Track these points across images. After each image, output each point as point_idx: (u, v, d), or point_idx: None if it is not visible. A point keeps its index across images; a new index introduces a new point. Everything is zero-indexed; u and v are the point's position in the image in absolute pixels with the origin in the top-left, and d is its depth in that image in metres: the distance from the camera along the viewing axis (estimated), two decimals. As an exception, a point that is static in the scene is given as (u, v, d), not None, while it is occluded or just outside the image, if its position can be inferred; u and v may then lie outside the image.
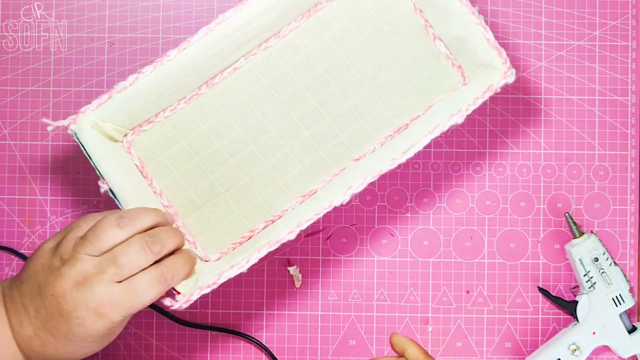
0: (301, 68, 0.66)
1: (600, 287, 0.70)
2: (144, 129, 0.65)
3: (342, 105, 0.66)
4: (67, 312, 0.53)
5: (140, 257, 0.54)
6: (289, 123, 0.65)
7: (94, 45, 0.74)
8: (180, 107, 0.65)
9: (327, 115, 0.66)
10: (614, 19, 0.75)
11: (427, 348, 0.74)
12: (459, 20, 0.62)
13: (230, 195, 0.65)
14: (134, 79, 0.60)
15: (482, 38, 0.61)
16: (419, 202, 0.74)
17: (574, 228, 0.72)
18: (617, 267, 0.71)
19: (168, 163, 0.65)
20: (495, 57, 0.61)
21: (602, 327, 0.70)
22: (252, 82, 0.65)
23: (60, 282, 0.53)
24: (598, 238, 0.72)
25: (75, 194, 0.74)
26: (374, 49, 0.66)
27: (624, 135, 0.74)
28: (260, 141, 0.65)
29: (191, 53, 0.61)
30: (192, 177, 0.65)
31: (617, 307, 0.70)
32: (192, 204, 0.65)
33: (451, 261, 0.74)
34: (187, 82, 0.63)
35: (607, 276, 0.70)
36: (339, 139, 0.66)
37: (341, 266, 0.74)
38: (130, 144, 0.64)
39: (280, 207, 0.65)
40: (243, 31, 0.62)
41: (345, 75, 0.66)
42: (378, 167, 0.60)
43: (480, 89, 0.61)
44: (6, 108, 0.74)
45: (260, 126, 0.65)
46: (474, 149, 0.74)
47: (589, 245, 0.71)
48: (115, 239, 0.54)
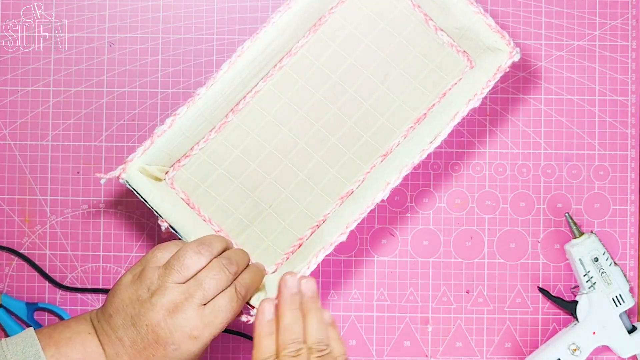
0: (316, 80, 0.69)
1: (600, 287, 0.70)
2: (183, 163, 0.68)
3: (360, 107, 0.69)
4: (164, 339, 0.56)
5: (222, 278, 0.58)
6: (315, 133, 0.69)
7: (94, 45, 0.74)
8: (212, 137, 0.68)
9: (349, 119, 0.69)
10: (614, 19, 0.75)
11: (427, 348, 0.74)
12: (458, 11, 0.65)
13: (274, 209, 0.69)
14: (171, 122, 0.64)
15: (484, 24, 0.65)
16: (419, 202, 0.74)
17: (574, 228, 0.72)
18: (617, 267, 0.71)
19: (210, 191, 0.68)
20: (498, 40, 0.65)
21: (602, 327, 0.70)
22: (273, 102, 0.69)
23: (154, 313, 0.57)
24: (598, 238, 0.72)
25: (75, 194, 0.74)
26: (381, 49, 0.69)
27: (624, 135, 0.74)
28: (291, 155, 0.69)
29: (218, 88, 0.65)
30: (236, 200, 0.69)
31: (617, 307, 0.70)
32: (240, 224, 0.68)
33: (451, 261, 0.74)
34: (216, 113, 0.67)
35: (607, 276, 0.70)
36: (364, 139, 0.69)
37: (341, 266, 0.74)
38: (173, 180, 0.68)
39: (322, 212, 0.68)
40: (260, 57, 0.66)
41: (358, 80, 0.69)
42: (410, 160, 0.64)
43: (490, 71, 0.65)
44: (6, 108, 0.74)
45: (289, 141, 0.69)
46: (474, 149, 0.74)
47: (589, 245, 0.71)
48: (198, 264, 0.58)
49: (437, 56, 0.69)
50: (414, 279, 0.74)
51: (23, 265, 0.74)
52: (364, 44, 0.69)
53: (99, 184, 0.73)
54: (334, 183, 0.69)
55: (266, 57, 0.66)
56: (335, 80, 0.69)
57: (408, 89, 0.69)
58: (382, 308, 0.74)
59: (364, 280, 0.74)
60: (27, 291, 0.74)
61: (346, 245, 0.74)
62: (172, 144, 0.65)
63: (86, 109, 0.74)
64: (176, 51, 0.74)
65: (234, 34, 0.75)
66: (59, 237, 0.74)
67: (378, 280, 0.74)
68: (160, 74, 0.74)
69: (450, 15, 0.66)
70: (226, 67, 0.64)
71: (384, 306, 0.74)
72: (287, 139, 0.69)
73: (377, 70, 0.69)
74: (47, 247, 0.74)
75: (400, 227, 0.74)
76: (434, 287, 0.74)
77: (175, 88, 0.74)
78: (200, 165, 0.68)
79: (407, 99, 0.69)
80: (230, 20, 0.74)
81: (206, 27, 0.74)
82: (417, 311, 0.74)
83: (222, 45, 0.75)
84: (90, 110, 0.74)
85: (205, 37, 0.74)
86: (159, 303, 0.57)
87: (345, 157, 0.69)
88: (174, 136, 0.65)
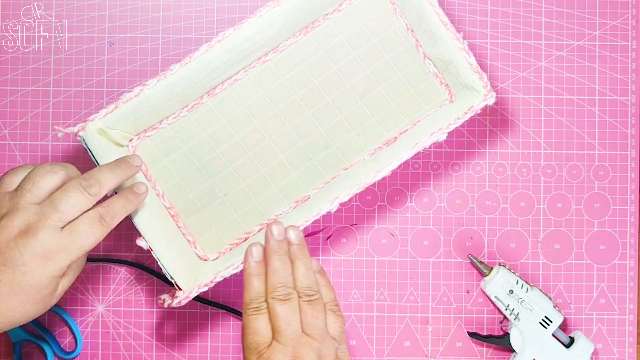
0: (297, 81, 0.69)
1: (524, 315, 0.70)
2: (148, 134, 0.68)
3: (334, 117, 0.69)
4: (12, 260, 0.52)
5: (80, 200, 0.55)
6: (285, 133, 0.69)
7: (94, 45, 0.74)
8: (183, 114, 0.68)
9: (321, 126, 0.69)
10: (614, 19, 0.75)
11: (427, 348, 0.74)
12: (444, 44, 0.65)
13: (228, 199, 0.69)
14: (139, 91, 0.64)
15: (465, 62, 0.65)
16: (419, 202, 0.74)
17: (480, 267, 0.72)
18: (535, 290, 0.71)
19: (170, 167, 0.68)
20: (476, 80, 0.65)
21: (539, 351, 0.70)
22: (250, 93, 0.69)
23: (4, 234, 0.53)
24: (507, 268, 0.72)
25: (75, 194, 0.74)
26: (367, 65, 0.69)
27: (624, 135, 0.74)
28: (257, 149, 0.69)
29: (193, 67, 0.65)
30: (193, 181, 0.68)
31: (546, 328, 0.69)
32: (193, 206, 0.68)
33: (451, 261, 0.74)
34: (190, 92, 0.67)
35: (527, 304, 0.70)
36: (331, 150, 0.69)
37: (341, 266, 0.74)
38: (135, 149, 0.68)
39: (274, 212, 0.69)
40: (242, 47, 0.66)
41: (338, 90, 0.69)
42: (364, 180, 0.64)
43: (462, 109, 0.65)
44: (6, 108, 0.74)
45: (257, 135, 0.69)
46: (474, 149, 0.74)
47: (499, 280, 0.70)
48: (51, 183, 0.55)
49: (420, 83, 0.69)
50: (414, 279, 0.74)
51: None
52: (351, 56, 0.69)
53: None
54: (293, 185, 0.69)
55: (249, 48, 0.66)
56: (315, 85, 0.69)
57: (385, 109, 0.69)
58: (382, 308, 0.74)
59: (364, 280, 0.74)
60: (27, 291, 0.74)
61: (346, 245, 0.74)
62: (138, 113, 0.65)
63: (86, 109, 0.74)
64: (176, 51, 0.74)
65: (234, 34, 0.74)
66: (59, 237, 0.74)
67: (378, 280, 0.74)
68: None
69: (437, 46, 0.66)
70: (204, 49, 0.64)
71: (384, 306, 0.74)
72: (256, 132, 0.69)
73: (358, 85, 0.69)
74: (47, 247, 0.74)
75: (400, 227, 0.74)
76: (434, 287, 0.74)
77: (175, 88, 0.74)
78: (166, 139, 0.68)
79: (381, 119, 0.69)
80: (230, 20, 0.74)
81: (206, 27, 0.74)
82: (417, 311, 0.74)
83: (222, 45, 0.74)
84: (90, 110, 0.74)
85: (205, 37, 0.74)
86: (10, 224, 0.53)
87: (308, 163, 0.69)
88: (141, 106, 0.64)
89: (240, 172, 0.69)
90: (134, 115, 0.65)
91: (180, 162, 0.68)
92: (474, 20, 0.75)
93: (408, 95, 0.69)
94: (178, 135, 0.68)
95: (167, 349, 0.74)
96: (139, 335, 0.74)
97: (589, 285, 0.74)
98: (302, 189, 0.69)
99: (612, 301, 0.74)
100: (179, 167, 0.68)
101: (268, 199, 0.69)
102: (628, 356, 0.74)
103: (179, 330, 0.74)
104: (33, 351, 0.74)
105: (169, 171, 0.68)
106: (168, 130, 0.68)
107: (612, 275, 0.74)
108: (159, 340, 0.74)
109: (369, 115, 0.69)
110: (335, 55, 0.69)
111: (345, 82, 0.69)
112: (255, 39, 0.66)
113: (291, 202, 0.68)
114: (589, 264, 0.74)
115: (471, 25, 0.75)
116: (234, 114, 0.69)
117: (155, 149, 0.68)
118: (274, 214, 0.68)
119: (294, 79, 0.69)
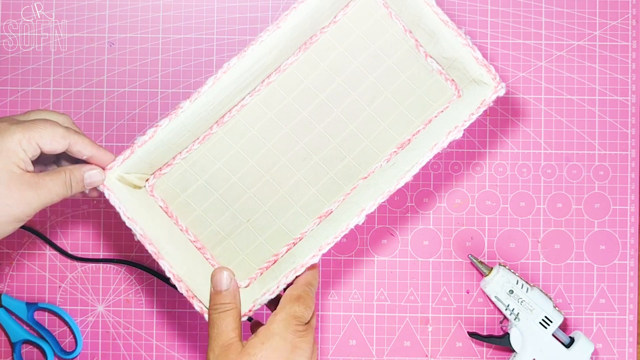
0: (303, 98, 0.69)
1: (524, 315, 0.70)
2: (164, 172, 0.68)
3: (345, 128, 0.69)
4: None
5: None
6: (298, 151, 0.69)
7: (94, 45, 0.74)
8: (195, 147, 0.68)
9: (333, 139, 0.69)
10: (614, 19, 0.75)
11: (427, 348, 0.74)
12: (447, 42, 0.65)
13: (252, 224, 0.68)
14: (152, 133, 0.63)
15: (471, 57, 0.64)
16: (419, 202, 0.74)
17: (481, 267, 0.72)
18: (535, 290, 0.71)
19: (190, 201, 0.68)
20: (484, 73, 0.64)
21: (539, 351, 0.70)
22: (259, 117, 0.69)
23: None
24: (507, 268, 0.72)
25: (75, 194, 0.74)
26: (370, 72, 0.69)
27: (624, 135, 0.74)
28: (273, 171, 0.68)
29: (202, 102, 0.64)
30: (214, 212, 0.68)
31: (546, 328, 0.70)
32: (217, 236, 0.68)
33: (451, 261, 0.74)
34: (200, 125, 0.66)
35: (527, 304, 0.70)
36: (347, 161, 0.69)
37: (341, 266, 0.74)
38: (153, 188, 0.68)
39: (299, 230, 0.68)
40: (247, 74, 0.66)
41: (345, 101, 0.69)
42: (387, 188, 0.63)
43: (474, 104, 0.64)
44: (6, 108, 0.74)
45: (271, 157, 0.69)
46: (474, 149, 0.74)
47: (499, 280, 0.70)
48: None
49: (426, 83, 0.69)
50: (414, 279, 0.74)
51: (23, 265, 0.74)
52: (353, 66, 0.69)
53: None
54: (314, 202, 0.68)
55: (253, 74, 0.66)
56: (322, 100, 0.69)
57: (394, 114, 0.69)
58: (382, 308, 0.74)
59: (364, 280, 0.74)
60: (27, 291, 0.74)
61: (346, 245, 0.74)
62: (153, 154, 0.65)
63: (86, 109, 0.74)
64: (176, 51, 0.74)
65: (234, 34, 0.75)
66: (59, 237, 0.74)
67: (378, 280, 0.74)
68: (160, 74, 0.74)
69: (439, 44, 0.66)
70: (211, 82, 0.64)
71: (384, 306, 0.74)
72: (270, 154, 0.69)
73: (364, 93, 0.69)
74: (47, 247, 0.74)
75: (400, 227, 0.74)
76: (434, 287, 0.74)
77: (175, 88, 0.74)
78: (182, 174, 0.68)
79: (392, 123, 0.69)
80: (230, 20, 0.74)
81: (206, 27, 0.74)
82: (417, 311, 0.74)
83: (222, 45, 0.75)
84: (90, 110, 0.74)
85: (205, 37, 0.74)
86: None
87: (326, 177, 0.69)
88: (155, 147, 0.64)
89: (259, 196, 0.68)
90: (148, 156, 0.65)
91: (198, 194, 0.68)
92: (474, 20, 0.75)
93: (415, 95, 0.69)
94: (193, 169, 0.68)
95: (167, 349, 0.74)
96: (139, 335, 0.74)
97: (589, 285, 0.74)
98: (323, 203, 0.68)
99: (612, 301, 0.74)
100: (198, 199, 0.68)
101: (291, 219, 0.68)
102: (628, 356, 0.74)
103: (179, 330, 0.74)
104: (33, 351, 0.74)
105: (189, 205, 0.68)
106: (182, 164, 0.68)
107: (612, 275, 0.74)
108: (159, 340, 0.74)
109: (379, 122, 0.69)
110: (337, 67, 0.69)
111: (351, 92, 0.69)
112: (258, 64, 0.66)
113: (314, 218, 0.68)
114: (589, 264, 0.74)
115: (471, 25, 0.75)
116: (246, 139, 0.69)
117: (172, 186, 0.68)
118: (300, 233, 0.68)
119: (300, 97, 0.69)
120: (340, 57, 0.69)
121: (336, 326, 0.74)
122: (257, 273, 0.67)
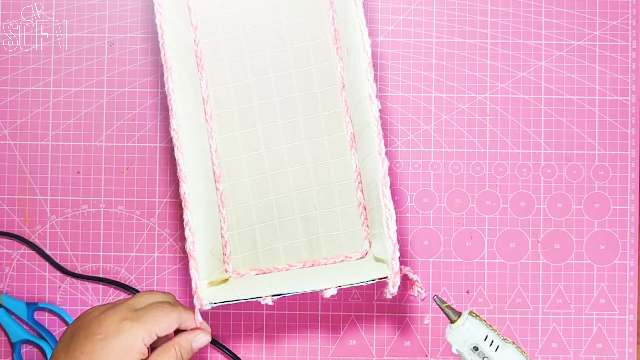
0: None
1: None
2: (228, 252, 0.70)
3: None
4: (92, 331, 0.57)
5: None
6: None
7: (94, 45, 0.74)
8: (224, 212, 0.70)
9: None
10: (614, 19, 0.75)
11: (427, 348, 0.74)
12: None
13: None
14: (192, 242, 0.62)
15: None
16: (419, 202, 0.74)
17: (447, 312, 0.60)
18: (509, 347, 0.59)
19: (264, 247, 0.71)
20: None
21: None
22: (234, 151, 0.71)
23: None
24: (479, 318, 0.60)
25: (75, 194, 0.74)
26: None
27: (624, 135, 0.74)
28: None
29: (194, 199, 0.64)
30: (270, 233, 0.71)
31: None
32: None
33: (451, 261, 0.74)
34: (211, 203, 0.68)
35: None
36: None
37: (341, 266, 0.74)
38: (236, 271, 0.70)
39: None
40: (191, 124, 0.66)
41: None
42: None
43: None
44: (6, 108, 0.74)
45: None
46: (474, 149, 0.74)
47: (463, 334, 0.58)
48: None
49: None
50: (414, 279, 0.74)
51: (23, 265, 0.74)
52: None
53: (99, 184, 0.73)
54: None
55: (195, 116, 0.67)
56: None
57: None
58: (382, 308, 0.74)
59: (364, 280, 0.74)
60: (27, 291, 0.74)
61: (346, 245, 0.74)
62: (206, 249, 0.65)
63: (86, 109, 0.74)
64: (176, 51, 0.74)
65: (234, 34, 0.74)
66: (59, 237, 0.74)
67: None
68: (160, 74, 0.74)
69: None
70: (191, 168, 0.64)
71: (384, 306, 0.74)
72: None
73: None
74: (47, 247, 0.74)
75: (400, 227, 0.74)
76: (434, 287, 0.74)
77: (175, 88, 0.74)
78: (240, 239, 0.70)
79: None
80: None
81: (206, 27, 0.74)
82: (417, 311, 0.74)
83: (222, 45, 0.74)
84: (90, 110, 0.74)
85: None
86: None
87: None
88: (208, 246, 0.65)
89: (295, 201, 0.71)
90: (207, 253, 0.65)
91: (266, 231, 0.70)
92: (474, 20, 0.75)
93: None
94: (239, 226, 0.70)
95: (167, 349, 0.74)
96: (139, 335, 0.74)
97: (589, 285, 0.74)
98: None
99: (612, 301, 0.74)
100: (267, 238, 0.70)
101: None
102: (628, 356, 0.74)
103: (179, 330, 0.74)
104: (33, 351, 0.74)
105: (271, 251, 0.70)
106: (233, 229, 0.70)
107: (612, 275, 0.74)
108: (159, 340, 0.74)
109: None
110: None
111: None
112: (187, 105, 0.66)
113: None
114: (589, 264, 0.74)
115: (471, 25, 0.75)
116: (248, 174, 0.71)
117: (243, 253, 0.70)
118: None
119: None
120: None
121: (336, 326, 0.74)
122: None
